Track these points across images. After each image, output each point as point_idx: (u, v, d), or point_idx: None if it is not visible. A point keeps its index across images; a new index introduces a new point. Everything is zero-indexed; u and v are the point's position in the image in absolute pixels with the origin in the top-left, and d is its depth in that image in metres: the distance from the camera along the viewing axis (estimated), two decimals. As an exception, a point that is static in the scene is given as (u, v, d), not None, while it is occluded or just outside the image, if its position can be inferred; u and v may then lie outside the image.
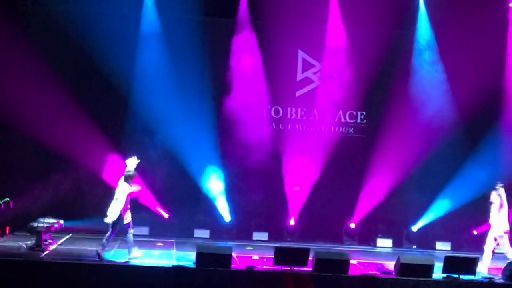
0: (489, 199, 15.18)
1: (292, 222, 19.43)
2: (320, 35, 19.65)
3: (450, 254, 17.19)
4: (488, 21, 19.08)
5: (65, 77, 18.45)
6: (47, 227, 15.38)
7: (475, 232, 19.56)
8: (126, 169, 14.60)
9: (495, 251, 15.00)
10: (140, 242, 17.40)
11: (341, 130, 20.18)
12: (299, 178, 19.40)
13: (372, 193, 19.28)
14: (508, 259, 14.56)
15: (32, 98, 17.71)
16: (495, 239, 14.98)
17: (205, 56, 19.09)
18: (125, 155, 18.44)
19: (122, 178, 14.49)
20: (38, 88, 17.88)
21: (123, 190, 14.35)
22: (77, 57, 18.85)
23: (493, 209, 15.09)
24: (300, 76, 20.14)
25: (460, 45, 19.23)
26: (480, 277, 13.98)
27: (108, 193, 18.54)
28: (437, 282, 13.61)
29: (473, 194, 19.10)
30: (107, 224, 14.30)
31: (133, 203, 18.63)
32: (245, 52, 19.31)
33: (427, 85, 19.50)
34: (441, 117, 19.27)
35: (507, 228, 14.95)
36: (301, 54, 20.05)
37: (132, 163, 14.70)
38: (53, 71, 18.11)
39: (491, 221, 15.09)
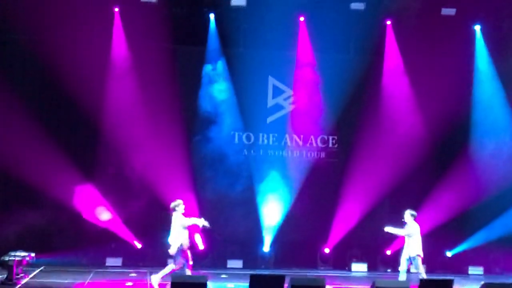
0: (403, 218, 15.43)
1: (266, 248, 19.35)
2: (290, 61, 19.76)
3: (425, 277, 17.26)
4: (456, 45, 19.37)
5: (34, 107, 18.33)
6: (18, 260, 15.11)
7: (449, 254, 19.71)
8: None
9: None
10: (113, 273, 17.27)
11: (313, 155, 20.24)
12: (273, 204, 19.37)
13: (346, 217, 19.33)
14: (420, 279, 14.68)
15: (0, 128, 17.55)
16: (409, 260, 15.23)
17: (176, 84, 19.02)
18: (97, 186, 18.41)
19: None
20: (6, 118, 17.68)
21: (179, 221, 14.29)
22: (46, 87, 18.71)
23: (405, 230, 15.39)
24: (271, 102, 20.20)
25: (428, 68, 19.45)
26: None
27: (79, 224, 18.51)
28: (413, 305, 13.62)
29: (446, 216, 19.27)
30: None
31: (106, 233, 18.57)
32: (215, 79, 19.33)
33: (397, 109, 19.65)
34: (412, 139, 19.42)
35: (420, 251, 15.31)
36: (271, 80, 20.14)
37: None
38: (21, 101, 17.97)
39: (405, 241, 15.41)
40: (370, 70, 19.95)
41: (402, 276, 15.18)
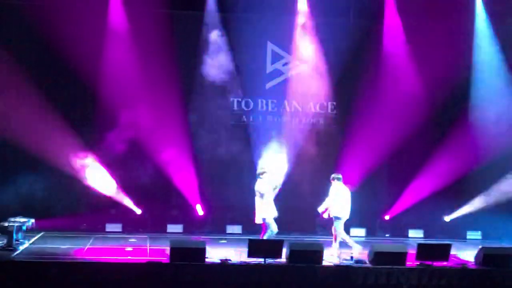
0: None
1: (265, 214, 19.40)
2: (289, 26, 19.63)
3: (422, 241, 17.38)
4: (456, 8, 19.24)
5: (31, 73, 18.19)
6: (18, 226, 15.21)
7: (447, 219, 19.80)
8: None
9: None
10: (113, 238, 17.37)
11: (311, 121, 20.21)
12: (272, 170, 19.37)
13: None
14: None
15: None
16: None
17: (173, 50, 18.93)
18: (95, 152, 18.44)
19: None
20: (4, 84, 17.61)
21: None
22: (43, 52, 18.55)
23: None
24: (269, 68, 20.11)
25: (428, 33, 19.34)
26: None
27: (79, 191, 18.57)
28: (410, 269, 13.71)
29: (444, 182, 19.32)
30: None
31: (106, 200, 18.64)
32: (213, 44, 19.22)
33: (396, 74, 19.58)
34: (411, 105, 19.40)
35: (341, 214, 15.50)
36: (270, 46, 20.02)
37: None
38: (18, 67, 17.86)
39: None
40: (369, 35, 19.83)
41: (355, 246, 15.07)
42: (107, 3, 18.84)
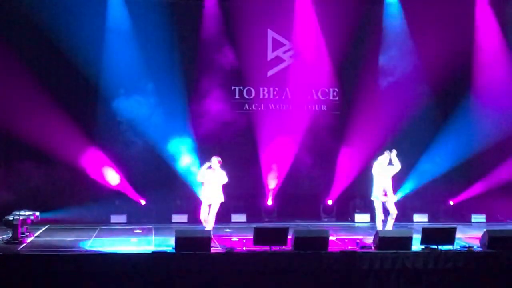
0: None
1: (269, 202, 19.44)
2: (289, 13, 19.57)
3: (427, 225, 17.37)
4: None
5: (33, 66, 18.19)
6: (23, 219, 15.20)
7: (451, 203, 19.80)
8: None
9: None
10: (118, 230, 17.39)
11: (314, 107, 20.17)
12: (275, 158, 19.39)
13: (348, 168, 19.35)
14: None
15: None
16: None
17: (174, 39, 18.92)
18: (99, 144, 18.45)
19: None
20: (5, 77, 17.59)
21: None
22: (44, 45, 18.52)
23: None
24: (270, 55, 20.05)
25: (429, 15, 19.24)
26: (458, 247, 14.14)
27: (83, 183, 18.59)
28: (416, 253, 13.70)
29: (448, 165, 19.31)
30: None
31: (110, 191, 18.67)
32: (214, 33, 19.16)
33: (397, 57, 19.51)
34: (413, 88, 19.36)
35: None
36: (270, 33, 19.95)
37: None
38: (20, 60, 17.86)
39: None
40: (370, 18, 19.81)
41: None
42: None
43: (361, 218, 19.33)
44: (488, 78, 19.77)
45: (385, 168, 15.33)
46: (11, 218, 15.06)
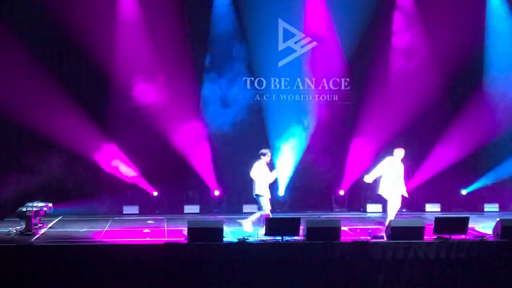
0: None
1: (281, 193, 19.42)
2: (300, 3, 19.51)
3: (440, 215, 17.34)
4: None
5: (44, 57, 18.22)
6: (36, 211, 15.28)
7: (464, 192, 19.74)
8: None
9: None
10: (130, 221, 17.46)
11: (325, 98, 20.10)
12: (287, 149, 19.36)
13: (360, 159, 19.29)
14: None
15: (11, 80, 17.53)
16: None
17: (185, 29, 18.90)
18: (111, 136, 18.49)
19: None
20: (17, 69, 17.61)
21: None
22: (56, 38, 18.56)
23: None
24: (281, 46, 19.98)
25: (440, 4, 19.15)
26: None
27: (95, 174, 18.65)
28: (428, 243, 13.68)
29: (460, 155, 19.24)
30: None
31: (122, 182, 18.73)
32: (225, 24, 19.14)
33: (409, 47, 19.43)
34: (425, 78, 19.28)
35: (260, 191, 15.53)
36: (281, 24, 19.89)
37: None
38: (31, 52, 17.88)
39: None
40: (381, 8, 19.69)
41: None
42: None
43: (373, 208, 19.31)
44: (499, 68, 19.64)
45: (392, 167, 15.23)
46: (24, 210, 15.14)
